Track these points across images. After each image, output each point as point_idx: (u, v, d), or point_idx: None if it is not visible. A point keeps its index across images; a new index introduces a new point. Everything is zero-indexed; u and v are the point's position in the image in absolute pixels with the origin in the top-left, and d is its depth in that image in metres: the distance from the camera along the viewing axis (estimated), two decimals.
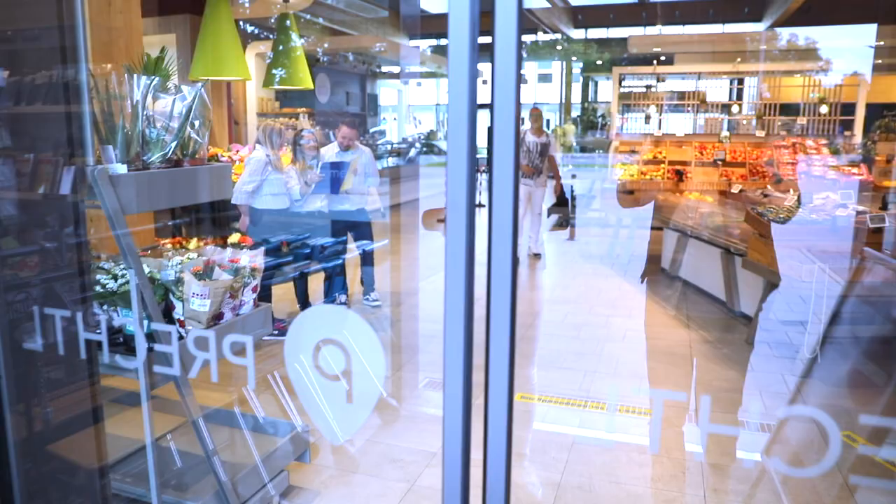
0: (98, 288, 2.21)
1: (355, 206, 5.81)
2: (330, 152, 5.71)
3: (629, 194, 7.70)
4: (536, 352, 4.79)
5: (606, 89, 26.79)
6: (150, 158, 1.97)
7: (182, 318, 2.23)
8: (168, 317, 2.27)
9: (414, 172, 14.99)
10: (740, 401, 3.95)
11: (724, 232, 5.61)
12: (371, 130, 17.65)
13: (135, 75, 1.96)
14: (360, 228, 5.93)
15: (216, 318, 2.34)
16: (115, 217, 1.90)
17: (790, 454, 3.26)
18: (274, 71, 7.71)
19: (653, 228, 9.04)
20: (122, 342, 2.12)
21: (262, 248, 2.61)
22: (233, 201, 4.88)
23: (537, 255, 7.76)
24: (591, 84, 24.96)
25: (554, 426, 3.62)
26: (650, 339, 5.06)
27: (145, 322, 2.17)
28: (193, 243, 6.47)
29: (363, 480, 3.12)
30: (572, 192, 11.15)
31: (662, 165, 10.51)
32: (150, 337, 2.08)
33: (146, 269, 2.25)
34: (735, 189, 7.41)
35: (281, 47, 7.66)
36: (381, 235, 9.53)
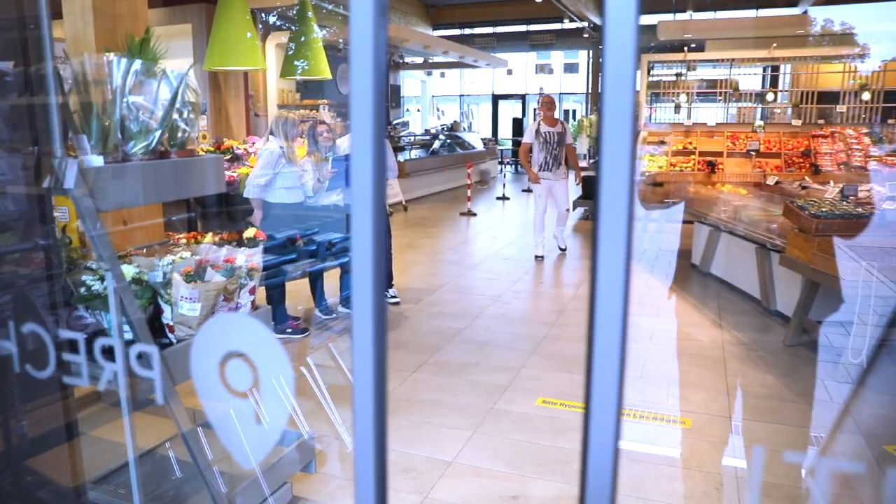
0: (83, 290, 2.04)
1: None
2: (346, 143, 5.51)
3: (657, 187, 7.39)
4: (559, 352, 4.56)
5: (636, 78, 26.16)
6: (133, 150, 1.79)
7: (171, 323, 2.05)
8: (158, 321, 2.10)
9: (437, 164, 14.77)
10: (778, 409, 3.68)
11: (760, 226, 5.31)
12: (394, 122, 17.45)
13: (114, 58, 1.78)
14: None
15: None
16: (87, 214, 1.72)
17: (837, 473, 2.99)
18: (293, 62, 7.54)
19: (683, 222, 8.73)
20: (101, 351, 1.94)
21: (261, 247, 2.42)
22: (244, 195, 4.72)
23: (563, 250, 7.54)
24: None
25: (576, 434, 3.39)
26: (680, 340, 4.79)
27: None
28: (209, 238, 6.33)
29: None
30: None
31: (693, 157, 10.16)
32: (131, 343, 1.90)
33: (134, 270, 2.07)
34: (770, 180, 7.08)
35: (300, 38, 7.49)
36: (403, 229, 9.35)
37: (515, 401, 3.81)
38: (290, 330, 4.98)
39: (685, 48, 10.48)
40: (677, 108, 10.76)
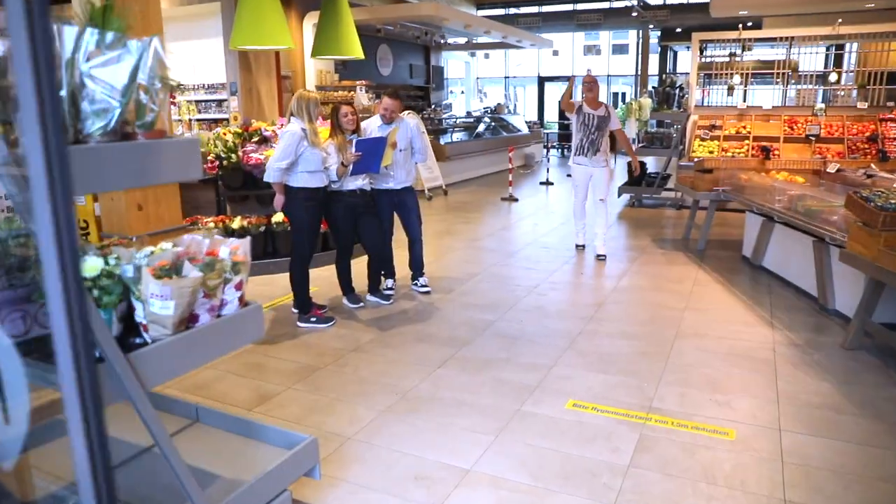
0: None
1: (400, 183, 5.38)
2: (372, 126, 5.29)
3: (706, 174, 6.95)
4: (595, 350, 4.27)
5: (686, 60, 25.27)
6: (90, 130, 1.58)
7: (145, 322, 1.86)
8: (131, 320, 1.91)
9: (479, 147, 14.46)
10: (835, 422, 3.33)
11: (819, 218, 4.88)
12: (434, 105, 17.15)
13: (65, 28, 1.57)
14: (407, 207, 5.51)
15: (189, 320, 1.96)
16: (19, 208, 1.53)
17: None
18: (322, 40, 7.34)
19: (733, 210, 8.24)
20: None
21: (248, 238, 2.21)
22: (265, 178, 4.54)
23: (601, 258, 6.65)
24: (669, 54, 23.60)
25: (608, 443, 3.12)
26: (727, 339, 4.44)
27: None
28: (237, 222, 6.19)
29: (381, 501, 2.72)
30: (645, 169, 10.39)
31: (746, 142, 9.60)
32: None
33: (111, 262, 1.88)
34: (831, 168, 6.58)
35: (329, 16, 7.28)
36: (443, 214, 9.08)
37: (543, 402, 3.55)
38: (314, 319, 4.82)
39: (740, 26, 9.88)
40: (731, 90, 10.19)
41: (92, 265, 1.73)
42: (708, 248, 7.16)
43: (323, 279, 5.83)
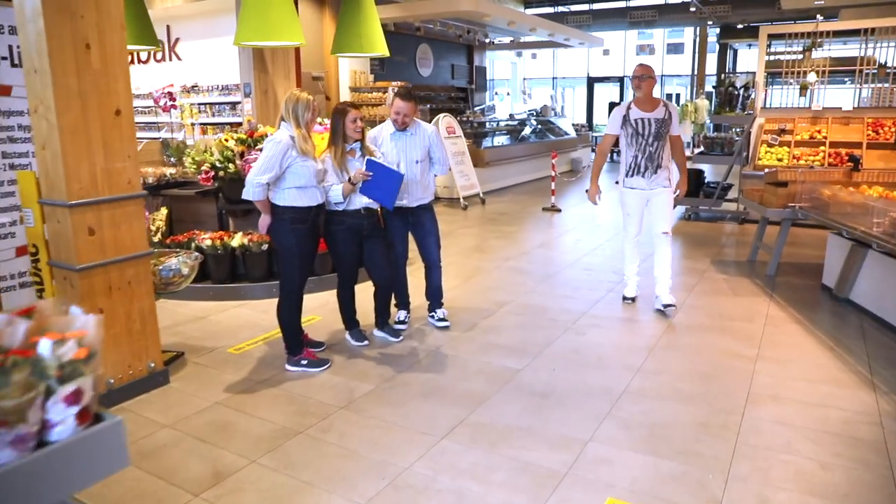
0: None
1: (416, 200, 4.59)
2: (383, 134, 4.51)
3: (780, 187, 5.93)
4: (643, 418, 3.39)
5: (747, 58, 23.81)
6: None
7: None
8: None
9: (522, 152, 13.57)
10: None
11: None
12: (476, 107, 16.32)
13: None
14: (424, 228, 4.71)
15: None
16: None
17: None
18: (343, 36, 6.62)
19: (806, 225, 7.16)
20: None
21: (99, 317, 1.44)
22: (243, 196, 3.80)
23: (669, 308, 5.00)
24: (728, 52, 22.21)
25: None
26: (816, 408, 3.49)
27: None
28: (238, 239, 5.48)
29: None
30: (702, 179, 9.36)
31: (822, 148, 8.49)
32: None
33: None
34: None
35: (351, 10, 6.54)
36: (476, 226, 8.17)
37: (573, 501, 2.69)
38: (305, 362, 4.06)
39: (818, 17, 8.75)
40: (803, 89, 9.07)
41: None
42: (779, 274, 6.14)
43: (327, 307, 5.09)
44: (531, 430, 3.26)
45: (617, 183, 5.25)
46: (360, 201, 4.18)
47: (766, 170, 6.81)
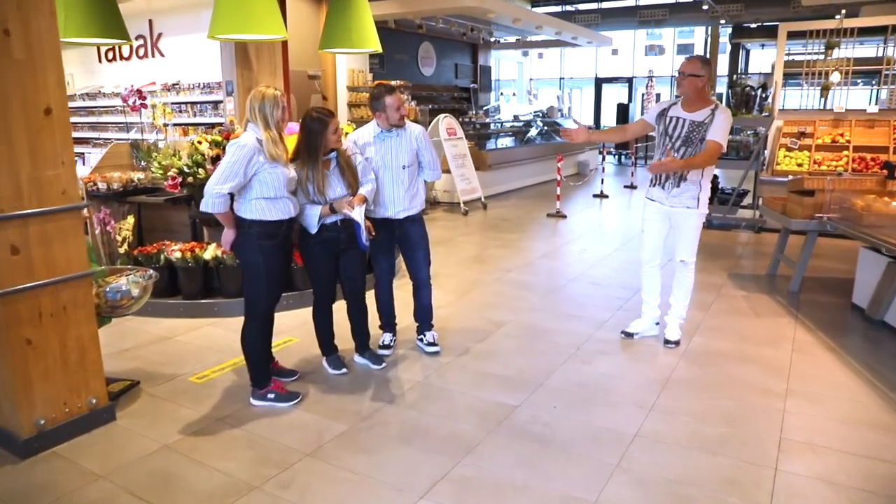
0: None
1: (403, 210, 4.10)
2: (365, 138, 4.02)
3: (805, 195, 5.41)
4: (658, 471, 2.89)
5: (759, 59, 23.19)
6: None
7: None
8: None
9: (526, 155, 13.06)
10: None
11: None
12: (481, 108, 15.83)
13: None
14: (412, 242, 4.22)
15: None
16: None
17: None
18: (330, 32, 6.14)
19: (831, 235, 6.63)
20: None
21: None
22: (201, 208, 3.31)
23: (671, 345, 4.36)
24: (741, 53, 21.64)
25: None
26: (859, 459, 2.98)
27: None
28: (211, 251, 4.99)
29: None
30: (716, 184, 8.83)
31: (845, 153, 7.96)
32: None
33: None
34: None
35: (338, 3, 6.06)
36: (476, 234, 7.60)
37: None
38: (272, 396, 3.57)
39: (843, 11, 8.21)
40: (825, 90, 8.53)
41: None
42: (804, 291, 5.62)
43: (305, 326, 4.60)
44: (527, 489, 2.76)
45: (630, 187, 4.72)
46: (337, 215, 3.70)
47: (790, 176, 6.29)
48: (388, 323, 4.39)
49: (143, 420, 3.42)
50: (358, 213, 3.58)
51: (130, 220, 5.13)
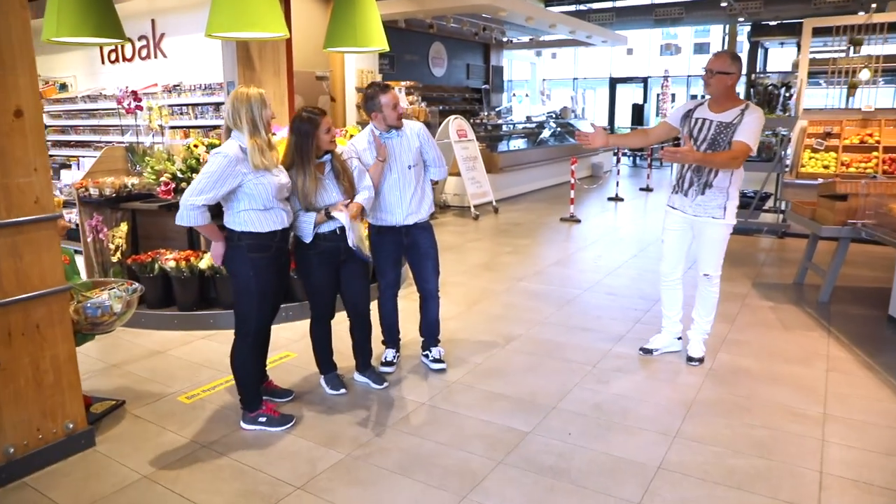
0: None
1: (410, 215, 3.83)
2: (363, 143, 3.76)
3: (837, 200, 5.09)
4: (676, 503, 2.60)
5: (778, 57, 22.73)
6: None
7: None
8: None
9: (539, 157, 12.77)
10: None
11: None
12: (492, 109, 15.55)
13: None
14: (420, 250, 3.95)
15: None
16: None
17: None
18: (335, 30, 5.89)
19: (865, 242, 6.28)
20: None
21: None
22: (178, 221, 3.05)
23: (694, 363, 4.03)
24: (759, 52, 21.20)
25: None
26: (889, 492, 2.68)
27: None
28: (206, 260, 4.74)
29: None
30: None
31: (875, 154, 7.60)
32: None
33: None
34: None
35: (345, 2, 5.81)
36: (487, 239, 7.32)
37: None
38: (263, 419, 3.32)
39: (874, 5, 7.86)
40: (852, 88, 8.18)
41: None
42: (835, 301, 5.30)
43: (305, 340, 4.34)
44: None
45: (646, 189, 4.40)
46: (335, 222, 3.44)
47: (819, 180, 5.95)
48: (392, 338, 4.12)
49: (125, 446, 3.17)
50: (343, 216, 3.33)
51: (124, 227, 4.90)
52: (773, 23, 18.54)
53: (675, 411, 3.44)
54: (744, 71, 20.48)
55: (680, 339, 4.25)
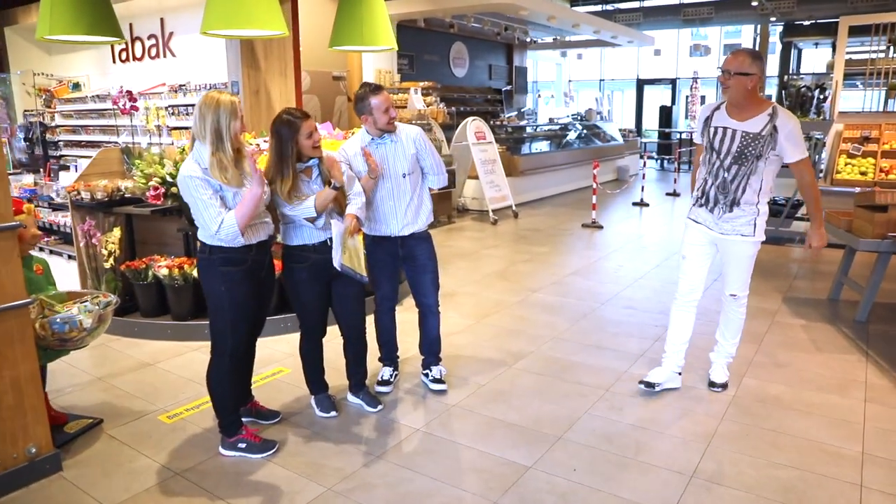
0: None
1: (406, 225, 3.57)
2: (354, 148, 3.50)
3: (877, 211, 4.71)
4: None
5: (812, 58, 22.02)
6: None
7: None
8: None
9: (562, 160, 12.42)
10: None
11: None
12: (513, 111, 15.22)
13: None
14: (418, 262, 3.68)
15: None
16: None
17: None
18: (341, 28, 5.66)
19: None
20: None
21: None
22: (245, 243, 2.79)
23: (717, 388, 3.73)
24: (792, 52, 20.55)
25: None
26: None
27: None
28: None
29: None
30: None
31: None
32: None
33: None
34: None
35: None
36: (505, 246, 7.01)
37: None
38: (243, 445, 3.07)
39: None
40: (892, 90, 7.73)
41: None
42: (873, 320, 4.91)
43: (299, 357, 4.09)
44: None
45: (673, 195, 4.03)
46: (326, 232, 3.19)
47: (857, 189, 5.56)
48: (389, 356, 3.85)
49: (93, 471, 2.95)
50: (337, 228, 3.07)
51: (117, 232, 4.70)
52: (806, 22, 17.93)
53: (693, 445, 3.12)
54: (775, 72, 19.87)
55: (680, 374, 3.84)
